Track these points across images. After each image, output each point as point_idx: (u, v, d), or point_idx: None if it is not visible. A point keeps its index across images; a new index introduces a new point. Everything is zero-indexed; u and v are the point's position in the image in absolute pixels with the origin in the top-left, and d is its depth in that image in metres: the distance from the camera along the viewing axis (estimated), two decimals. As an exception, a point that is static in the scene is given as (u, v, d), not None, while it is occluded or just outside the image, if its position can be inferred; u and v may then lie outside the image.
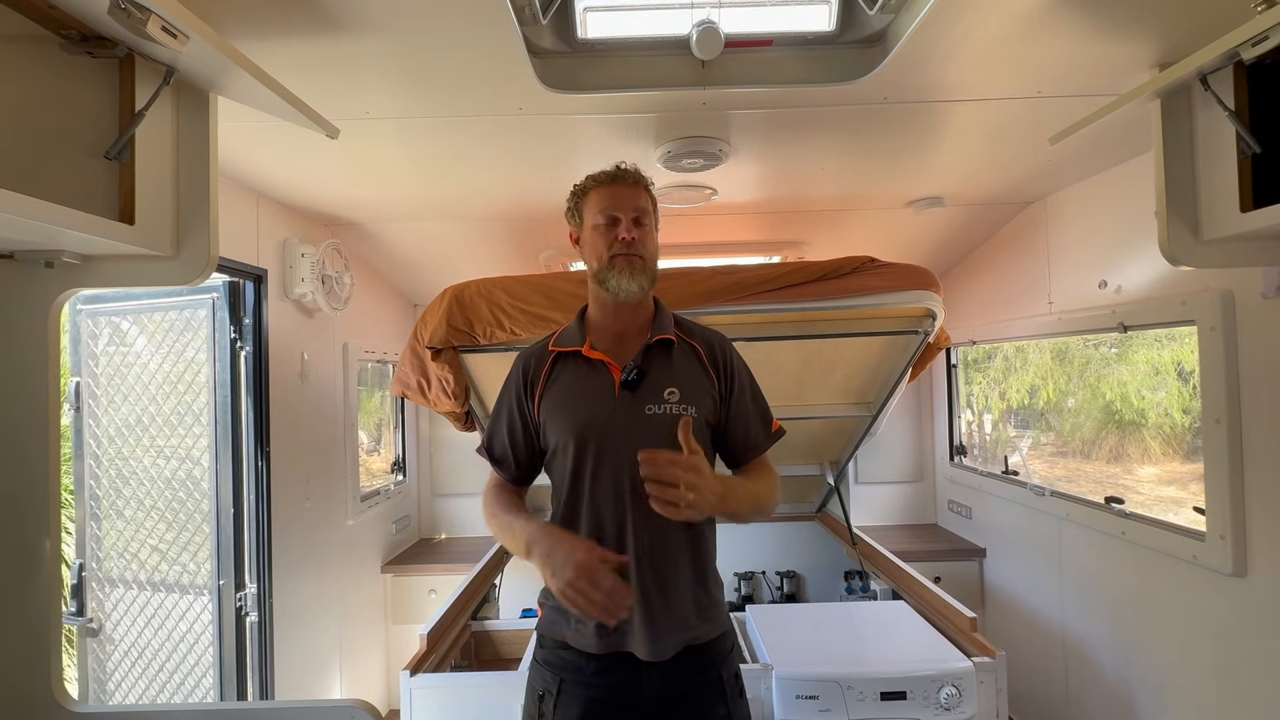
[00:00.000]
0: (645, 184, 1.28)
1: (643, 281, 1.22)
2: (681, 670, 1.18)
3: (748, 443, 1.28)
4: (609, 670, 1.18)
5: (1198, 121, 1.30)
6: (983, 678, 1.73)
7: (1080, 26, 1.27)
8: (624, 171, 1.26)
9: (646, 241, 1.24)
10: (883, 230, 2.71)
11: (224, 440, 2.07)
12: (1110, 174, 2.11)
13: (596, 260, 1.24)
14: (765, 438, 1.30)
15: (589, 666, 1.19)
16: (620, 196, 1.24)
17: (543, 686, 1.23)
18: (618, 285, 1.21)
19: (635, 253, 1.21)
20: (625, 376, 1.21)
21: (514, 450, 1.30)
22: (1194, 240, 1.32)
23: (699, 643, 1.20)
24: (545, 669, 1.24)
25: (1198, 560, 1.76)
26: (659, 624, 1.16)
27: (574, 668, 1.20)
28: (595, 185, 1.26)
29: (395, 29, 1.23)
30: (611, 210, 1.23)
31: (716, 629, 1.24)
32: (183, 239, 1.18)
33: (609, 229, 1.23)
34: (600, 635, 1.18)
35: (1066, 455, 6.73)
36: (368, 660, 2.87)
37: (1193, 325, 1.75)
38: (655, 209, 1.30)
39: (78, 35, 1.03)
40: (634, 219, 1.22)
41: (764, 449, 1.30)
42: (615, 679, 1.17)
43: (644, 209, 1.25)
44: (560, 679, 1.21)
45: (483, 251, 2.85)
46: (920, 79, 1.47)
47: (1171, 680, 1.90)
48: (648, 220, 1.25)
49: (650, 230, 1.26)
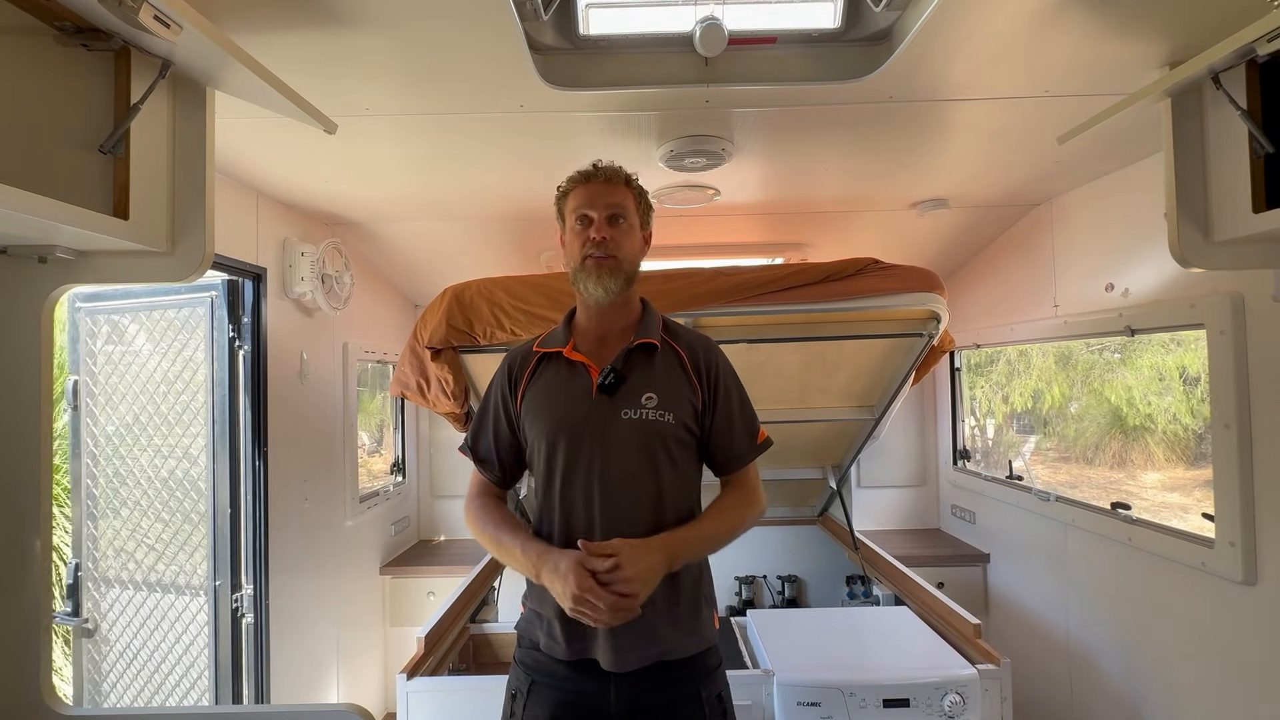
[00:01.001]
0: (624, 179, 1.24)
1: (611, 285, 1.18)
2: (653, 684, 1.15)
3: (730, 453, 1.25)
4: (578, 676, 1.16)
5: (1208, 121, 1.28)
6: (987, 685, 1.71)
7: (1089, 24, 1.25)
8: (599, 169, 1.23)
9: (622, 241, 1.20)
10: (886, 232, 2.69)
11: (221, 440, 2.05)
12: (1117, 176, 2.09)
13: (571, 262, 1.22)
14: (749, 449, 1.26)
15: (560, 669, 1.18)
16: (594, 195, 1.21)
17: (515, 685, 1.23)
18: (586, 289, 1.20)
19: (607, 253, 1.18)
20: (602, 380, 1.19)
21: (498, 450, 1.28)
22: (1204, 242, 1.30)
23: (673, 658, 1.17)
24: (520, 668, 1.23)
25: (1206, 567, 1.73)
26: (622, 635, 1.13)
27: (546, 670, 1.19)
28: (573, 185, 1.24)
29: (395, 24, 1.22)
30: (584, 209, 1.20)
31: (696, 645, 1.19)
32: (178, 235, 1.16)
33: (583, 229, 1.20)
34: (568, 642, 1.16)
35: (1069, 461, 6.70)
36: (366, 663, 2.84)
37: (1201, 329, 1.73)
38: (641, 206, 1.26)
39: (72, 27, 1.01)
40: (607, 217, 1.19)
41: (747, 460, 1.27)
42: (584, 685, 1.16)
43: (619, 206, 1.21)
44: (532, 679, 1.20)
45: (483, 251, 2.84)
46: (926, 77, 1.45)
47: (1179, 690, 1.87)
48: (625, 218, 1.21)
49: (626, 229, 1.22)
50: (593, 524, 1.16)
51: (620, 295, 1.21)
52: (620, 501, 1.16)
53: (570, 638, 1.16)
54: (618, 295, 1.21)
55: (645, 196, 1.28)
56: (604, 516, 1.15)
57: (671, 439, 1.19)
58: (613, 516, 1.15)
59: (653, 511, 1.17)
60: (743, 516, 1.23)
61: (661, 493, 1.18)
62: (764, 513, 1.28)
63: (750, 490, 1.26)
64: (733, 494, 1.26)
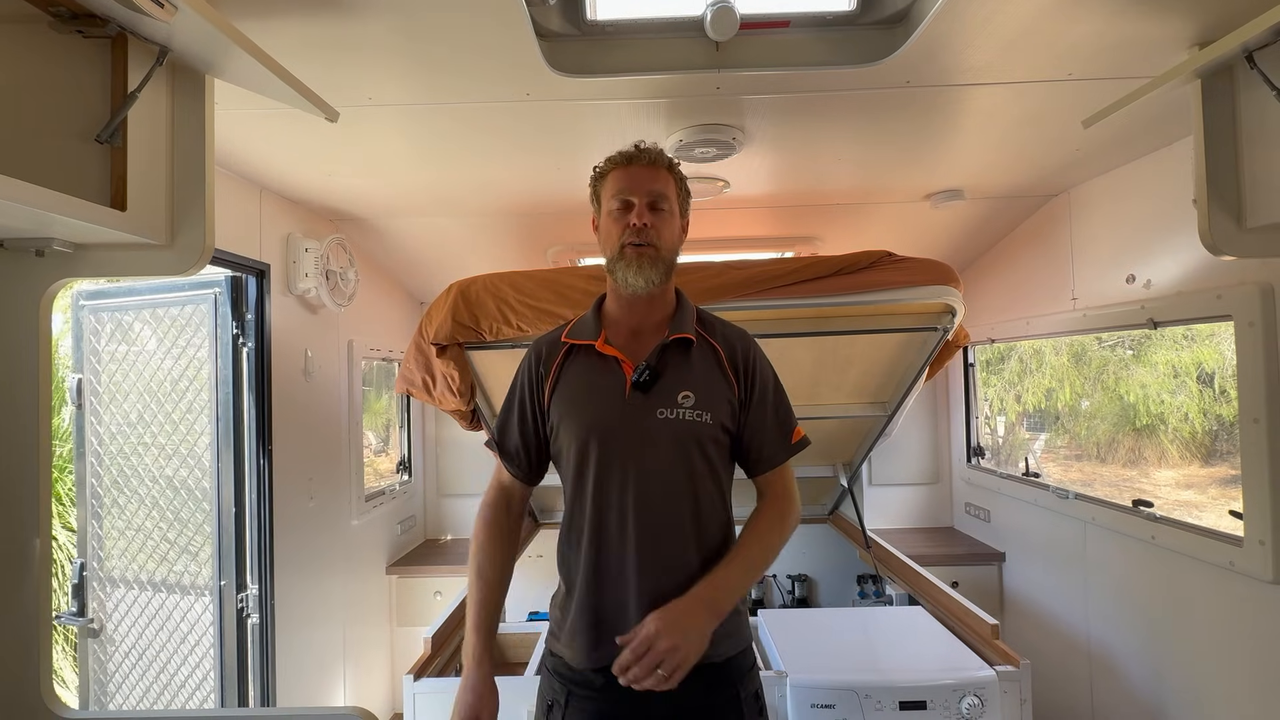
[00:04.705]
0: (667, 164, 1.19)
1: (652, 276, 1.13)
2: (694, 688, 1.10)
3: (762, 454, 1.20)
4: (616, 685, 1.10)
5: (1241, 102, 1.23)
6: (1006, 687, 1.67)
7: (1115, 2, 1.20)
8: (642, 151, 1.18)
9: (662, 230, 1.15)
10: (899, 225, 2.64)
11: (226, 438, 2.03)
12: (1137, 164, 2.03)
13: (609, 249, 1.17)
14: (783, 450, 1.20)
15: (597, 680, 1.13)
16: (635, 179, 1.16)
17: (551, 696, 1.19)
18: (624, 279, 1.14)
19: (647, 241, 1.13)
20: (637, 377, 1.14)
21: (524, 444, 1.24)
22: (1236, 228, 1.25)
23: (712, 661, 1.12)
24: (555, 679, 1.19)
25: (1234, 566, 1.68)
26: None
27: (583, 681, 1.15)
28: (612, 167, 1.19)
29: (397, 9, 1.19)
30: (625, 194, 1.15)
31: (733, 646, 1.16)
32: (177, 227, 1.13)
33: (622, 215, 1.15)
34: (593, 650, 1.12)
35: (1083, 459, 6.62)
36: (372, 663, 2.82)
37: (1229, 320, 1.67)
38: (681, 192, 1.21)
39: (67, 13, 0.99)
40: (649, 203, 1.15)
41: (780, 461, 1.20)
42: (623, 694, 1.10)
43: (661, 193, 1.16)
44: (569, 690, 1.16)
45: (490, 247, 2.81)
46: (944, 61, 1.40)
47: (1205, 693, 1.82)
48: (666, 205, 1.17)
49: (668, 216, 1.17)
50: (625, 528, 1.12)
51: (659, 286, 1.16)
52: (654, 505, 1.12)
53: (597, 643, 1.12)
54: (657, 287, 1.15)
55: (685, 183, 1.23)
56: (637, 521, 1.11)
57: (709, 440, 1.14)
58: (646, 522, 1.11)
59: (689, 517, 1.13)
60: (781, 535, 1.17)
61: (697, 496, 1.14)
62: (799, 520, 1.21)
63: (786, 500, 1.20)
64: (768, 512, 1.20)
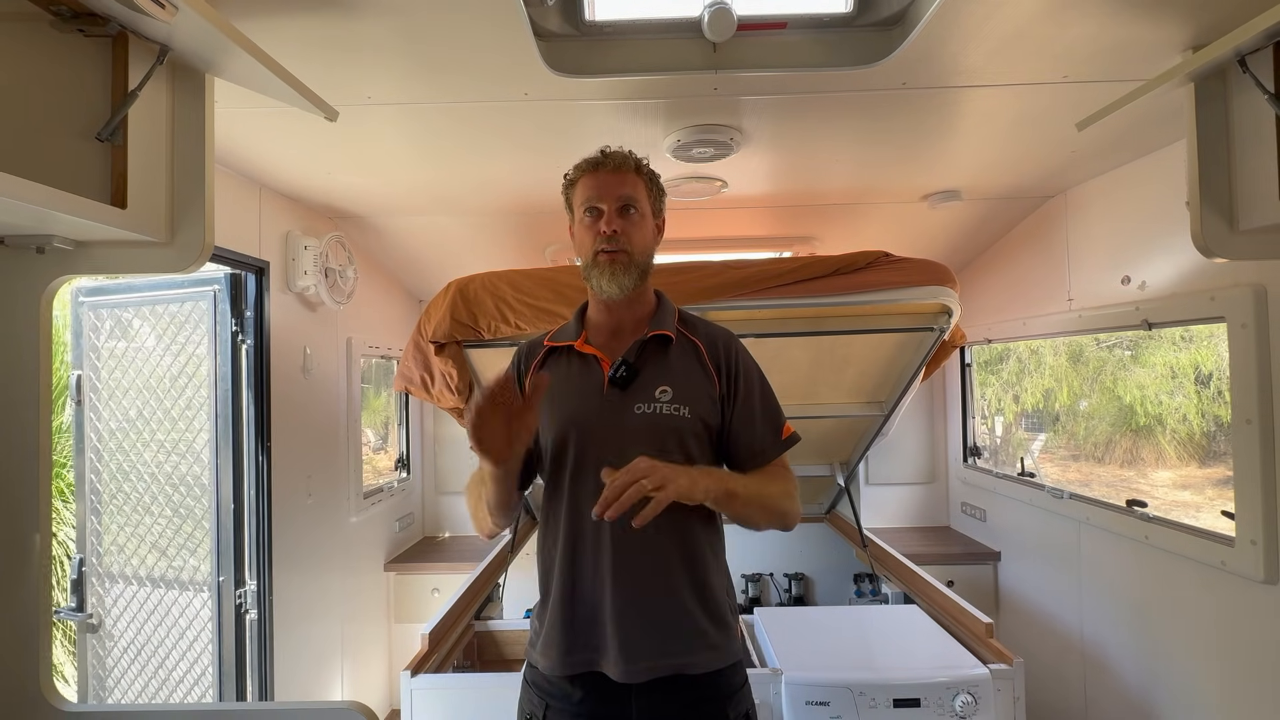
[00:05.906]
0: (634, 165, 1.17)
1: (625, 282, 1.13)
2: (675, 703, 1.09)
3: (752, 449, 1.18)
4: (593, 697, 1.10)
5: (1233, 106, 1.24)
6: (1000, 685, 1.68)
7: (1110, 5, 1.21)
8: (608, 156, 1.16)
9: (633, 234, 1.14)
10: (896, 225, 2.65)
11: (225, 435, 2.04)
12: (1133, 166, 2.04)
13: (583, 257, 1.18)
14: (774, 445, 1.19)
15: (575, 693, 1.12)
16: (603, 185, 1.15)
17: (530, 709, 1.18)
18: (599, 285, 1.14)
19: (618, 247, 1.13)
20: (614, 373, 1.14)
21: None
22: (1229, 231, 1.26)
23: (695, 673, 1.10)
24: (533, 691, 1.18)
25: (1226, 566, 1.69)
26: (636, 644, 1.08)
27: (561, 695, 1.13)
28: (580, 174, 1.18)
29: (397, 9, 1.19)
30: (593, 201, 1.15)
31: (721, 659, 1.12)
32: (177, 224, 1.14)
33: (593, 222, 1.15)
34: (567, 653, 1.11)
35: (1080, 459, 6.64)
36: (370, 659, 2.83)
37: (1222, 322, 1.68)
38: (653, 192, 1.20)
39: (68, 12, 0.99)
40: (619, 209, 1.14)
41: (771, 456, 1.19)
42: (601, 708, 1.10)
43: (630, 196, 1.15)
44: (546, 704, 1.14)
45: (488, 246, 2.82)
46: (940, 63, 1.41)
47: (1197, 692, 1.83)
48: (637, 208, 1.16)
49: (639, 219, 1.16)
50: (601, 524, 1.10)
51: (635, 290, 1.16)
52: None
53: (570, 648, 1.11)
54: (632, 290, 1.16)
55: (657, 181, 1.22)
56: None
57: (688, 433, 1.13)
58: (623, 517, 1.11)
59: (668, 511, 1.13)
60: (778, 496, 1.15)
61: None
62: (799, 515, 1.19)
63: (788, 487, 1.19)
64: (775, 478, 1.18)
